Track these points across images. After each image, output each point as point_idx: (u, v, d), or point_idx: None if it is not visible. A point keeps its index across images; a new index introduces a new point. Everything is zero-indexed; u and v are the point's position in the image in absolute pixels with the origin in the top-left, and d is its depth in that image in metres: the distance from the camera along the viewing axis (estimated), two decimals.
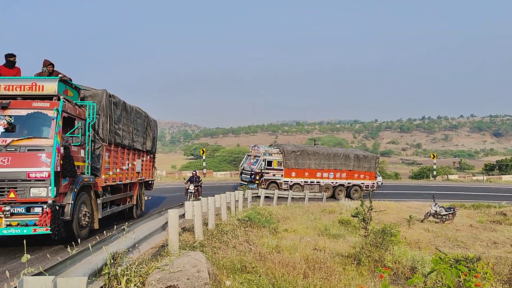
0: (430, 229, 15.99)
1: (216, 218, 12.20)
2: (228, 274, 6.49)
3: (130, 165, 13.11)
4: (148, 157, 15.60)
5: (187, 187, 19.05)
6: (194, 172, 20.47)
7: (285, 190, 25.32)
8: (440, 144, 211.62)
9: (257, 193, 20.78)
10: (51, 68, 10.01)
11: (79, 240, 5.80)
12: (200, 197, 15.42)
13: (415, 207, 23.75)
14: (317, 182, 27.88)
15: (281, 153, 27.06)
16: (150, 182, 16.13)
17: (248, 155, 28.34)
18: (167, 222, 7.48)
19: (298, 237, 11.57)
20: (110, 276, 4.30)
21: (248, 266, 7.13)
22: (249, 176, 26.18)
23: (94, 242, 4.35)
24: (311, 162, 27.72)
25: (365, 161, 30.11)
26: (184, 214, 9.47)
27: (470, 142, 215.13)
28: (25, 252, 3.66)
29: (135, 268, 4.66)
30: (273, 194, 21.68)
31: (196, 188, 19.06)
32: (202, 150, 50.20)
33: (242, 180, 27.17)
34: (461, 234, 15.38)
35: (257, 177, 25.76)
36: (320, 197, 25.77)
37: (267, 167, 26.19)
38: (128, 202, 13.29)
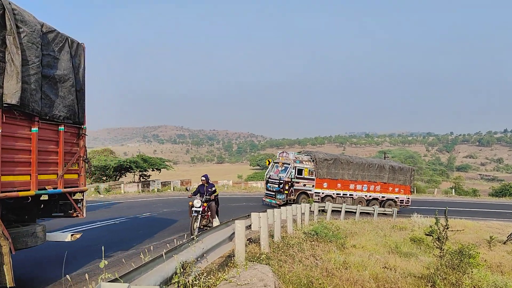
0: None
1: (282, 230, 12.14)
2: None
3: None
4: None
5: (191, 203, 11.81)
6: (204, 178, 12.54)
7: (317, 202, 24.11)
8: None
9: (324, 207, 20.41)
10: None
11: None
12: (215, 220, 12.14)
13: (496, 227, 21.99)
14: (350, 194, 25.84)
15: (313, 161, 24.87)
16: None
17: (275, 163, 25.58)
18: (234, 233, 7.55)
19: (366, 254, 11.15)
20: (179, 285, 4.41)
21: (315, 282, 6.98)
22: (277, 186, 23.76)
23: (165, 251, 4.48)
24: (344, 172, 25.69)
25: (401, 173, 28.14)
26: (251, 225, 9.53)
27: None
28: (103, 257, 3.86)
29: (203, 279, 4.73)
30: (341, 208, 21.18)
31: (206, 204, 11.93)
32: (268, 161, 50.39)
33: (268, 190, 24.70)
34: None
35: (286, 187, 23.39)
36: (390, 212, 24.57)
37: (298, 176, 23.89)
38: None
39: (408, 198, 28.62)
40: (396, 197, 27.84)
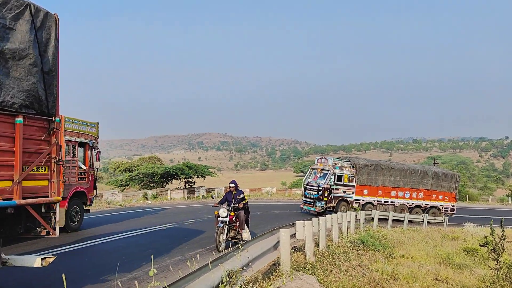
0: None
1: (327, 239, 11.96)
2: None
3: None
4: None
5: (216, 213, 10.63)
6: (232, 185, 11.26)
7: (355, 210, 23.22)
8: None
9: (370, 214, 19.93)
10: None
11: None
12: (244, 230, 11.09)
13: None
14: (391, 202, 24.76)
15: (353, 167, 23.99)
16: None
17: (313, 169, 24.91)
18: (278, 242, 7.53)
19: (416, 265, 10.76)
20: None
21: None
22: (315, 193, 22.90)
23: (211, 259, 4.53)
24: (385, 179, 24.64)
25: (445, 179, 26.72)
26: (295, 233, 9.46)
27: None
28: (152, 265, 3.95)
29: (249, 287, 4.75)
30: (388, 216, 20.61)
31: (234, 213, 10.81)
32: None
33: (306, 197, 23.92)
34: None
35: (326, 194, 22.55)
36: (441, 221, 23.49)
37: (337, 183, 23.04)
38: None
39: (453, 206, 27.28)
40: (440, 205, 26.62)
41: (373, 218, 19.32)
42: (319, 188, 22.75)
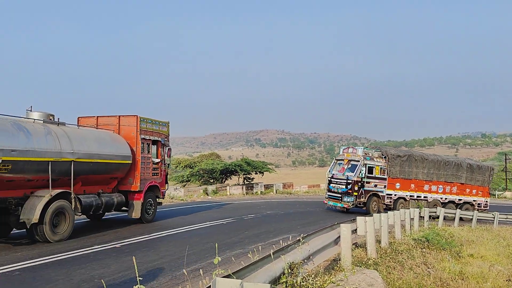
0: None
1: (389, 236, 11.65)
2: None
3: None
4: None
5: None
6: None
7: (387, 205, 20.93)
8: None
9: (435, 212, 19.10)
10: None
11: None
12: None
13: None
14: (424, 197, 22.47)
15: (384, 157, 21.51)
16: None
17: (338, 160, 22.25)
18: (339, 237, 7.46)
19: (486, 265, 10.21)
20: (287, 285, 4.49)
21: None
22: (343, 186, 20.43)
23: (273, 251, 4.61)
24: (418, 171, 22.33)
25: (479, 173, 24.51)
26: (356, 229, 9.31)
27: None
28: (216, 254, 4.10)
29: (311, 280, 4.77)
30: (454, 214, 19.63)
31: None
32: None
33: (331, 191, 21.30)
34: None
35: (356, 188, 20.12)
36: (492, 218, 21.41)
37: (368, 175, 20.62)
38: None
39: (487, 202, 24.93)
40: (474, 200, 24.33)
41: (434, 217, 18.52)
42: (348, 181, 20.36)
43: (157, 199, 14.87)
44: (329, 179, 21.68)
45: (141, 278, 3.56)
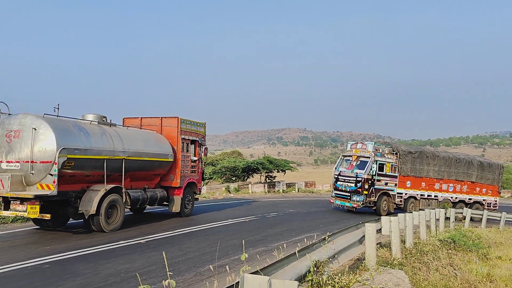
0: None
1: (414, 236, 11.48)
2: None
3: None
4: None
5: None
6: None
7: (397, 205, 19.91)
8: None
9: (461, 212, 18.69)
10: None
11: None
12: None
13: None
14: (434, 196, 21.32)
15: (395, 153, 20.23)
16: None
17: (345, 156, 20.74)
18: (364, 236, 7.40)
19: None
20: (313, 283, 4.49)
21: None
22: (352, 185, 19.14)
23: (298, 249, 4.61)
24: (429, 169, 21.11)
25: (489, 171, 23.44)
26: (381, 229, 9.22)
27: None
28: (243, 250, 4.13)
29: (337, 279, 4.74)
30: (481, 215, 19.16)
31: None
32: None
33: (338, 189, 19.97)
34: None
35: (366, 186, 18.86)
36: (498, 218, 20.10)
37: (379, 173, 19.33)
38: None
39: (496, 201, 23.92)
40: (483, 200, 23.30)
41: (459, 218, 18.13)
42: (358, 178, 19.02)
43: (194, 195, 15.94)
44: (336, 176, 20.29)
45: (171, 273, 3.62)
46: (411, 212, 11.99)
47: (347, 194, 19.37)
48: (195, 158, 15.66)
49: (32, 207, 9.86)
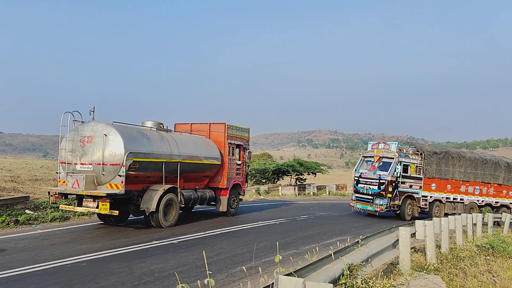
0: None
1: (450, 241, 11.15)
2: None
3: None
4: None
5: None
6: None
7: (422, 209, 18.88)
8: None
9: (500, 217, 17.99)
10: None
11: None
12: None
13: None
14: (460, 199, 20.30)
15: (420, 154, 19.19)
16: None
17: (366, 157, 19.58)
18: (397, 240, 7.25)
19: None
20: (346, 287, 4.43)
21: None
22: (375, 187, 17.99)
23: (331, 252, 4.57)
24: (455, 170, 20.07)
25: None
26: (415, 233, 9.01)
27: None
28: (278, 252, 4.13)
29: (371, 283, 4.67)
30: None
31: None
32: None
33: (359, 192, 18.80)
34: None
35: (390, 189, 17.72)
36: None
37: (403, 174, 18.20)
38: None
39: None
40: (510, 203, 22.15)
41: (499, 223, 17.44)
42: (381, 181, 17.89)
43: (239, 196, 16.93)
44: (357, 178, 19.13)
45: (210, 272, 3.66)
46: (446, 216, 11.65)
47: (370, 197, 18.32)
48: (240, 162, 16.76)
49: (103, 204, 11.02)
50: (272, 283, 3.13)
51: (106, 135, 11.41)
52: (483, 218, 15.25)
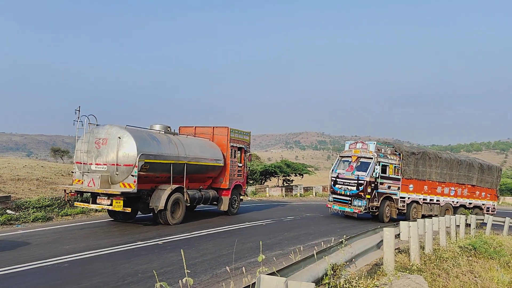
0: None
1: (434, 242, 11.29)
2: None
3: None
4: None
5: None
6: None
7: (400, 210, 18.59)
8: None
9: (482, 220, 18.26)
10: None
11: None
12: None
13: None
14: (436, 200, 20.14)
15: (398, 154, 18.82)
16: None
17: (343, 157, 18.90)
18: (382, 241, 7.31)
19: None
20: (330, 286, 4.44)
21: None
22: (354, 188, 17.47)
23: (315, 251, 4.58)
24: (432, 171, 19.94)
25: (489, 173, 22.57)
26: (399, 234, 9.09)
27: None
28: (261, 252, 4.12)
29: (354, 283, 4.69)
30: (503, 222, 18.64)
31: None
32: None
33: (336, 193, 18.24)
34: None
35: (369, 190, 17.18)
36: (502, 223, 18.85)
37: (382, 175, 17.71)
38: None
39: (494, 206, 22.99)
40: (483, 204, 22.37)
41: (486, 224, 17.72)
42: (360, 181, 17.35)
43: (240, 196, 17.65)
44: (334, 179, 18.50)
45: (188, 271, 3.63)
46: (431, 218, 11.77)
47: (348, 198, 17.76)
48: (241, 164, 17.44)
49: (117, 201, 11.75)
50: (254, 283, 3.13)
51: (120, 138, 12.18)
52: (466, 220, 15.46)
